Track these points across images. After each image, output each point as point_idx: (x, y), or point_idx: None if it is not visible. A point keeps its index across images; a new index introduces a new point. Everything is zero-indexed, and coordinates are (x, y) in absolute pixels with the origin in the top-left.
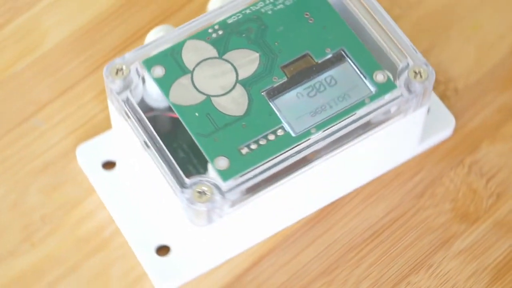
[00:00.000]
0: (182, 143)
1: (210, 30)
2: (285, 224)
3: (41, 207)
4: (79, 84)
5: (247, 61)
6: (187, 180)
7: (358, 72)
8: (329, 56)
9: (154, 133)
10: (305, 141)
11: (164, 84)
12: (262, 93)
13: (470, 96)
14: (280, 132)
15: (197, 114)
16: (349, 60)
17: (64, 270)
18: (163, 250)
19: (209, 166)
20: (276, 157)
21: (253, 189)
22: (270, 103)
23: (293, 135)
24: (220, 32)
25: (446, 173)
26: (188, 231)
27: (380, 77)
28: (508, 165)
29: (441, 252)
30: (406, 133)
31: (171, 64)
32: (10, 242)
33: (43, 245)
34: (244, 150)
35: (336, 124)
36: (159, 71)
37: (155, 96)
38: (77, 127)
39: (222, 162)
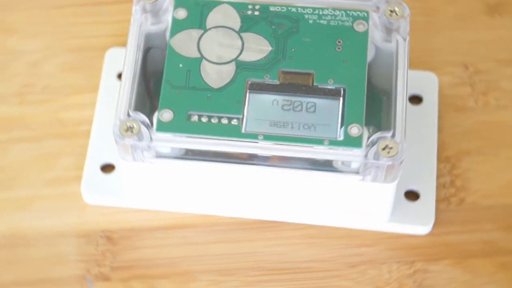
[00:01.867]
0: (155, 82)
1: (250, 6)
2: (217, 212)
3: (50, 78)
4: None
5: (257, 49)
6: (130, 112)
7: (339, 115)
8: (328, 86)
9: (138, 60)
10: (249, 142)
11: (177, 26)
12: (247, 82)
13: (470, 214)
14: (234, 122)
15: (181, 65)
16: (341, 101)
17: (26, 136)
18: (108, 168)
19: (156, 112)
20: (214, 139)
21: (184, 155)
22: (246, 93)
23: (242, 131)
24: (256, 13)
25: (390, 262)
26: (120, 160)
27: (354, 130)
28: None
29: None
30: (364, 199)
31: (195, 14)
32: (5, 90)
33: (27, 107)
34: (193, 117)
35: (283, 145)
36: (182, 13)
37: None
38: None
39: (167, 115)
